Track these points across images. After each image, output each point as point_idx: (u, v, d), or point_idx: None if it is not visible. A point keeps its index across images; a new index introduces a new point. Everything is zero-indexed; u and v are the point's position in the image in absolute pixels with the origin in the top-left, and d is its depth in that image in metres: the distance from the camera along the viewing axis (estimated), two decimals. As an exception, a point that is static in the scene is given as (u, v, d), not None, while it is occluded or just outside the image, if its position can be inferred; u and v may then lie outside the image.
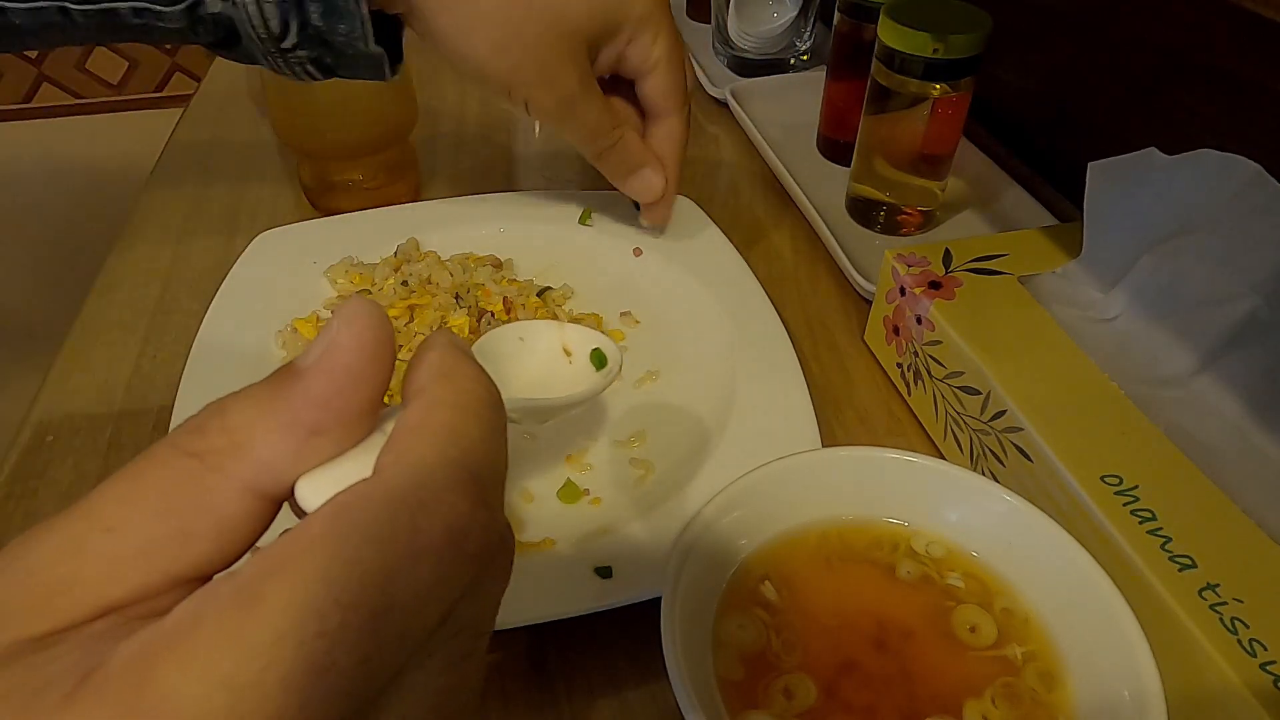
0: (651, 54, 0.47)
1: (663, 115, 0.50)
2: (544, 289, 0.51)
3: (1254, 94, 0.47)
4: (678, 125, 0.50)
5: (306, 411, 0.17)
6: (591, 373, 0.28)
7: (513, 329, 0.28)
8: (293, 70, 0.44)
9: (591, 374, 0.28)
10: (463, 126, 0.74)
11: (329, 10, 0.41)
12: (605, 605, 0.34)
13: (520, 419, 0.26)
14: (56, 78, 1.37)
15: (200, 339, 0.46)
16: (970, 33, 0.49)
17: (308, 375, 0.18)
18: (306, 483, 0.18)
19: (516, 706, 0.35)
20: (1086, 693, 0.27)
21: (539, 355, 0.28)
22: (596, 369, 0.28)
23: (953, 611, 0.30)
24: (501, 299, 0.49)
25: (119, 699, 0.14)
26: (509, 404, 0.21)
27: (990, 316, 0.43)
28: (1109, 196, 0.43)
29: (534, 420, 0.27)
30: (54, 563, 0.16)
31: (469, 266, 0.52)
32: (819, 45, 0.78)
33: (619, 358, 0.28)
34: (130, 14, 0.40)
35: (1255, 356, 0.39)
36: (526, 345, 0.28)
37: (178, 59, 1.35)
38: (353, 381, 0.18)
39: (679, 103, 0.49)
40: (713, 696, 0.27)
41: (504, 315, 0.49)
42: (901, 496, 0.32)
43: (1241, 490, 0.34)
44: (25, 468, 0.43)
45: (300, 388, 0.18)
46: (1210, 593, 0.31)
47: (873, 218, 0.59)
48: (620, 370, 0.28)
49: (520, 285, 0.51)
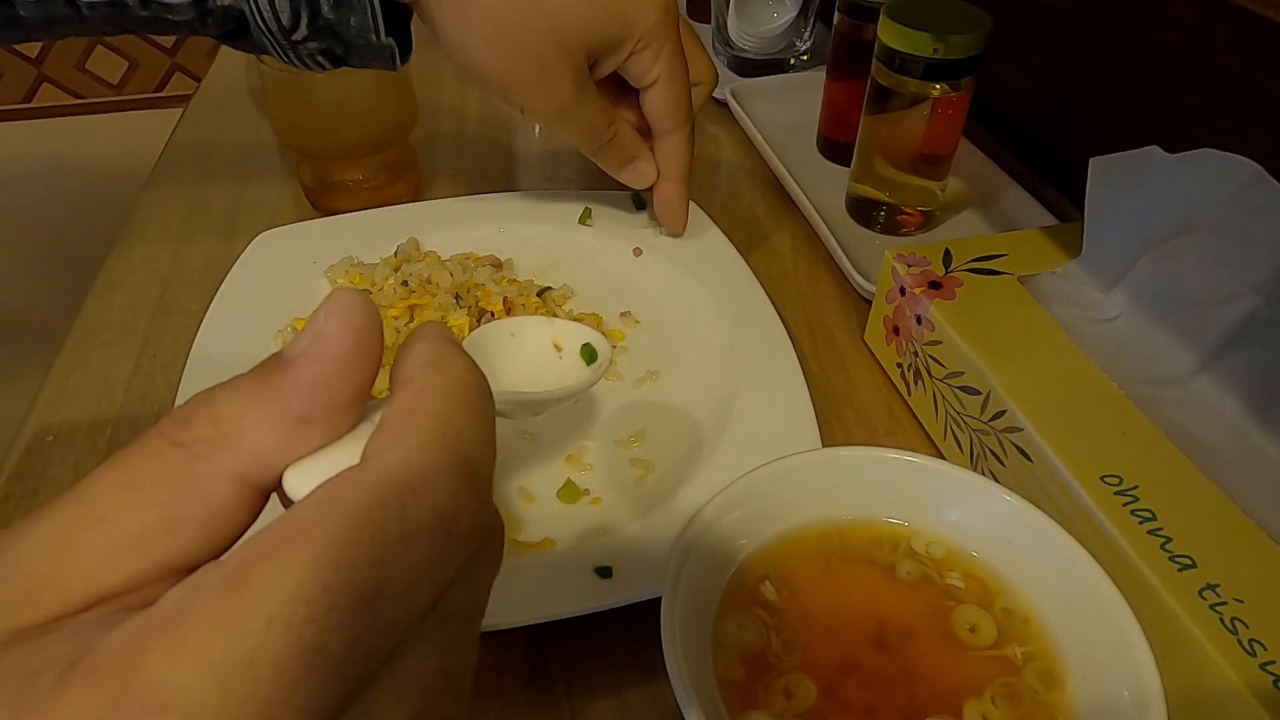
0: (652, 70, 0.46)
1: (663, 133, 0.50)
2: (544, 289, 0.51)
3: (1254, 94, 0.47)
4: (679, 142, 0.50)
5: (295, 401, 0.17)
6: (582, 367, 0.28)
7: (503, 325, 0.28)
8: (302, 61, 0.44)
9: (582, 368, 0.28)
10: (463, 126, 0.74)
11: (340, 2, 0.41)
12: (605, 605, 0.34)
13: (510, 412, 0.26)
14: (56, 78, 1.37)
15: (200, 339, 0.46)
16: (970, 33, 0.49)
17: (296, 364, 0.18)
18: (295, 472, 0.18)
19: (516, 706, 0.35)
20: (1086, 693, 0.27)
21: (529, 351, 0.28)
22: (587, 364, 0.28)
23: (953, 611, 0.30)
24: (501, 299, 0.49)
25: (109, 683, 0.14)
26: (499, 397, 0.21)
27: (990, 316, 0.43)
28: (1110, 194, 0.43)
29: (525, 414, 0.27)
30: (44, 554, 0.16)
31: (469, 266, 0.52)
32: (819, 45, 0.78)
33: (609, 352, 0.28)
34: (138, 5, 0.40)
35: (1255, 356, 0.39)
36: (517, 341, 0.28)
37: (178, 59, 1.35)
38: (341, 371, 0.18)
39: (680, 120, 0.49)
40: (713, 696, 0.27)
41: (503, 315, 0.49)
42: (901, 496, 0.32)
43: (1241, 490, 0.34)
44: (25, 468, 0.43)
45: (289, 377, 0.17)
46: (1210, 593, 0.31)
47: (873, 218, 0.59)
48: (610, 364, 0.29)
49: (520, 285, 0.51)
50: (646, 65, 0.46)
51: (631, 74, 0.47)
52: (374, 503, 0.16)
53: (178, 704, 0.14)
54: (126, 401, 0.47)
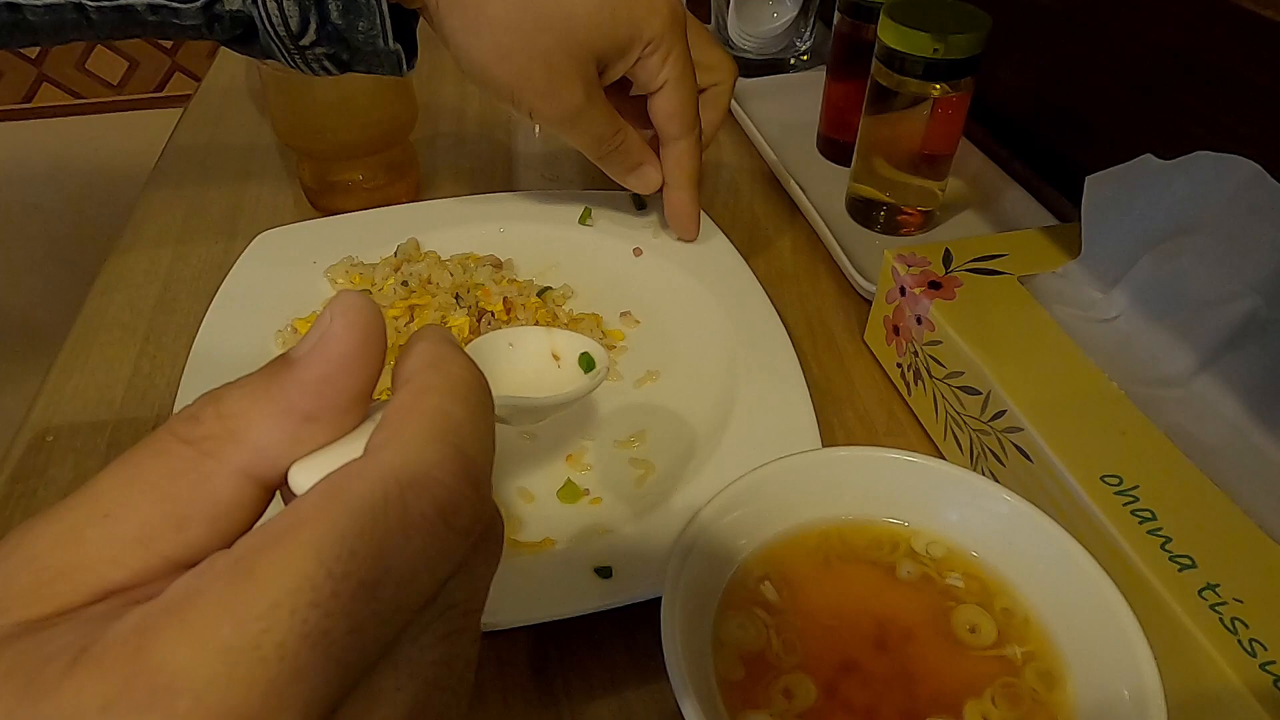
0: (659, 76, 0.46)
1: (670, 140, 0.50)
2: (544, 289, 0.51)
3: (1254, 94, 0.47)
4: (687, 148, 0.50)
5: (300, 399, 0.18)
6: (579, 375, 0.28)
7: (502, 335, 0.28)
8: (309, 66, 0.44)
9: (579, 376, 0.28)
10: (463, 126, 0.74)
11: (348, 8, 0.41)
12: (605, 605, 0.34)
13: (510, 418, 0.26)
14: (56, 78, 1.37)
15: (200, 339, 0.46)
16: (970, 33, 0.49)
17: (301, 364, 0.18)
18: (299, 468, 0.18)
19: (516, 706, 0.35)
20: (1086, 693, 0.27)
21: (528, 360, 0.28)
22: (584, 371, 0.29)
23: (953, 611, 0.30)
24: (502, 299, 0.49)
25: (118, 667, 0.14)
26: (498, 402, 0.21)
27: (990, 316, 0.43)
28: (1107, 206, 0.43)
29: (524, 420, 0.28)
30: (54, 548, 0.16)
31: (469, 266, 0.52)
32: (819, 45, 0.78)
33: (606, 360, 0.29)
34: (147, 10, 0.40)
35: (1255, 356, 0.39)
36: (516, 350, 0.28)
37: (178, 59, 1.34)
38: (346, 369, 0.18)
39: (686, 126, 0.49)
40: (713, 696, 0.27)
41: (504, 315, 0.49)
42: (901, 496, 0.32)
43: (1241, 490, 0.34)
44: (25, 468, 0.43)
45: (294, 376, 0.18)
46: (1210, 593, 0.31)
47: (873, 218, 0.59)
48: (607, 372, 0.29)
49: (520, 285, 0.51)
50: (654, 70, 0.46)
51: (639, 79, 0.47)
52: (375, 495, 0.16)
53: (185, 686, 0.14)
54: (126, 401, 0.47)
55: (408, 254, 0.52)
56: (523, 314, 0.49)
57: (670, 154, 0.50)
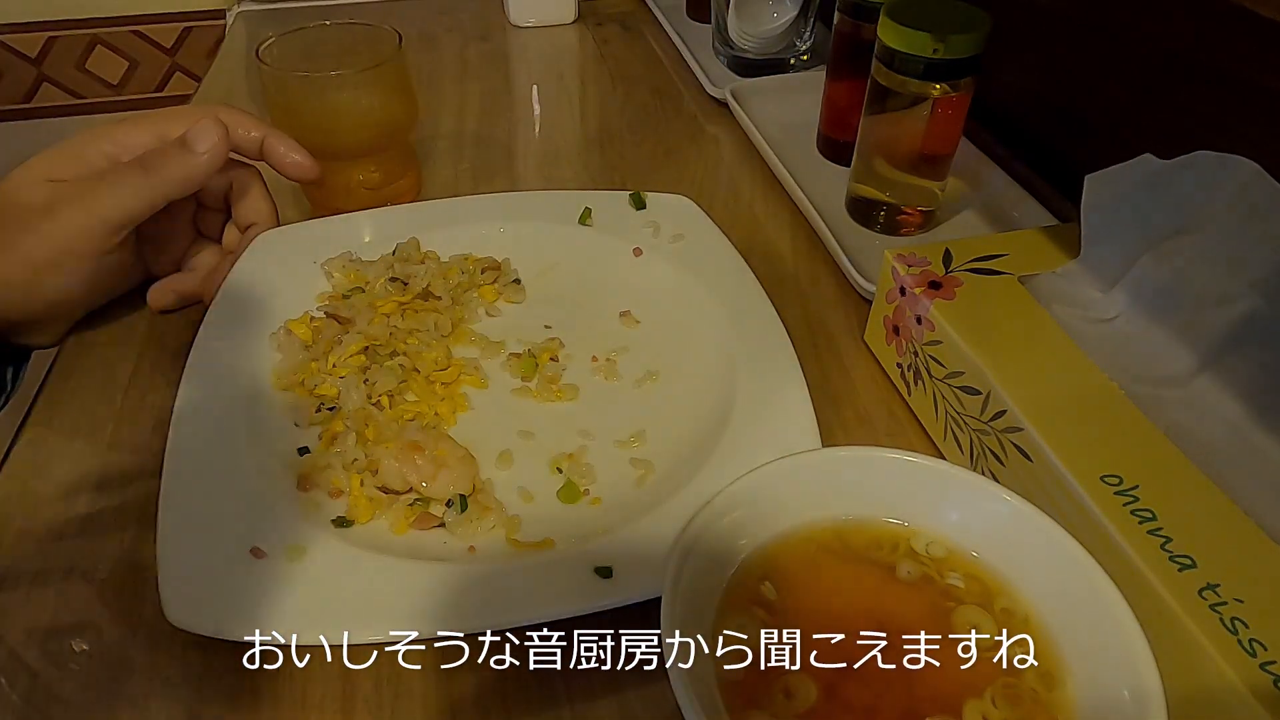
0: None
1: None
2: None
3: (1254, 94, 0.47)
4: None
5: None
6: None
7: None
8: None
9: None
10: (463, 126, 0.74)
11: None
12: (605, 605, 0.34)
13: None
14: (56, 78, 1.37)
15: (200, 338, 0.46)
16: (970, 33, 0.49)
17: None
18: None
19: (516, 706, 0.35)
20: (1086, 693, 0.27)
21: None
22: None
23: (953, 611, 0.30)
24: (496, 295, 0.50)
25: None
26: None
27: (990, 316, 0.43)
28: (1107, 206, 0.43)
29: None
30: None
31: (469, 267, 0.52)
32: (819, 45, 0.78)
33: None
34: None
35: (1255, 356, 0.39)
36: None
37: (178, 59, 1.34)
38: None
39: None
40: (713, 696, 0.27)
41: (499, 314, 0.49)
42: (901, 496, 0.32)
43: (1241, 490, 0.34)
44: (25, 467, 0.43)
45: None
46: (1210, 593, 0.31)
47: (873, 218, 0.59)
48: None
49: (514, 288, 0.52)
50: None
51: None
52: None
53: None
54: (126, 401, 0.47)
55: (407, 254, 0.52)
56: (519, 311, 0.49)
57: None
